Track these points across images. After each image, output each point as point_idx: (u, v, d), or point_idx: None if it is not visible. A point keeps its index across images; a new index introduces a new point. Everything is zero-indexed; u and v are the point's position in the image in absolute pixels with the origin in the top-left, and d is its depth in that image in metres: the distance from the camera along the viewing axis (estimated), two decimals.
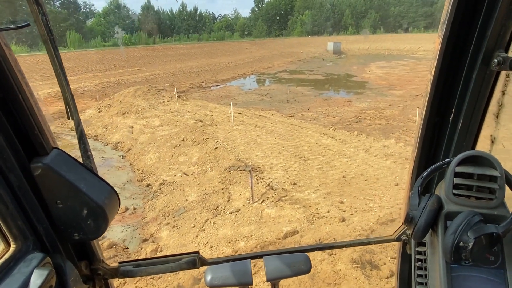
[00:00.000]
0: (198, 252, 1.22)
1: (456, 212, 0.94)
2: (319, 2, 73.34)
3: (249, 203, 7.14)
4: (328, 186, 7.71)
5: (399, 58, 39.17)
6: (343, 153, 9.62)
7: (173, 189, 8.33)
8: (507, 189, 0.94)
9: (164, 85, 21.63)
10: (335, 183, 7.83)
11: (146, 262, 1.20)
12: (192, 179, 8.73)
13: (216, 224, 6.61)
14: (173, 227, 6.75)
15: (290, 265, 1.13)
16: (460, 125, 1.08)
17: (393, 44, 50.04)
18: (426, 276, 1.08)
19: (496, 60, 0.94)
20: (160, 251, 6.06)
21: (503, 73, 1.00)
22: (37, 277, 0.80)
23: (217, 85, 25.01)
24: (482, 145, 1.11)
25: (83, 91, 21.21)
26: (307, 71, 31.40)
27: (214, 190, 7.94)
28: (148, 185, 8.81)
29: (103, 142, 12.41)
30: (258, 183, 7.86)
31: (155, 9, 65.89)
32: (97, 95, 20.15)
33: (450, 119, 1.10)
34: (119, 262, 1.20)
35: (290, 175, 8.34)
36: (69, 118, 0.94)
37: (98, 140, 12.67)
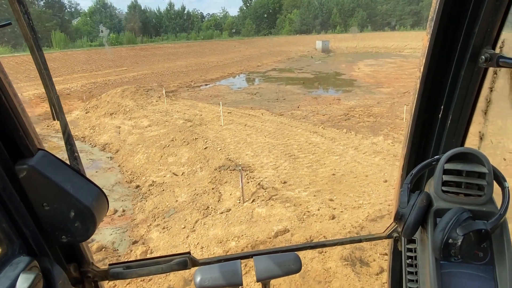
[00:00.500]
0: (189, 253, 1.20)
1: (446, 209, 0.94)
2: (307, 1, 73.58)
3: (240, 203, 7.12)
4: (318, 184, 7.75)
5: (387, 56, 39.64)
6: (333, 151, 9.69)
7: (163, 190, 8.26)
8: (496, 185, 0.96)
9: (153, 85, 21.40)
10: (325, 181, 7.88)
11: (136, 264, 1.18)
12: (182, 180, 8.67)
13: (207, 225, 6.58)
14: (163, 229, 6.69)
15: (280, 265, 1.12)
16: (449, 122, 1.09)
17: (381, 42, 50.59)
18: (417, 273, 1.09)
19: (484, 57, 0.95)
20: (150, 253, 6.00)
21: (491, 70, 1.01)
22: (23, 281, 0.78)
23: (206, 85, 24.89)
24: (471, 142, 1.13)
25: (70, 92, 20.82)
26: (296, 70, 31.51)
27: (205, 190, 7.90)
28: (137, 187, 8.72)
29: (91, 144, 12.22)
30: (249, 183, 7.85)
31: (142, 8, 65.13)
32: (84, 96, 19.81)
33: (439, 116, 1.11)
34: (109, 264, 1.17)
35: (281, 174, 8.36)
36: (55, 119, 0.92)
37: (86, 142, 12.47)
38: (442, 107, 1.09)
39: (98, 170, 9.93)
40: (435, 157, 1.03)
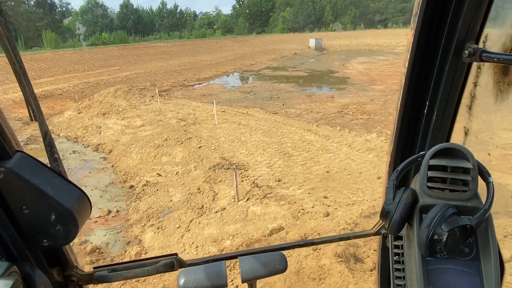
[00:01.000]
0: (176, 254, 1.19)
1: (431, 205, 0.94)
2: None
3: (234, 202, 7.11)
4: (313, 182, 7.77)
5: (379, 54, 39.83)
6: (327, 149, 9.71)
7: (157, 190, 8.22)
8: (481, 180, 0.95)
9: (146, 84, 21.26)
10: (319, 179, 7.90)
11: (122, 267, 1.16)
12: (176, 179, 8.63)
13: (202, 224, 6.56)
14: (158, 229, 6.66)
15: (266, 265, 1.11)
16: (435, 118, 1.09)
17: (374, 40, 50.81)
18: (404, 270, 1.09)
19: (467, 52, 0.94)
20: (145, 254, 5.97)
21: (475, 65, 1.01)
22: (1, 287, 0.76)
23: (200, 84, 24.79)
24: (457, 137, 1.13)
25: (61, 92, 20.60)
26: (290, 68, 31.52)
27: (199, 190, 7.87)
28: (131, 187, 8.66)
29: (84, 144, 12.10)
30: (243, 181, 7.84)
31: (134, 7, 64.67)
32: (76, 96, 19.62)
33: (425, 112, 1.11)
34: (94, 268, 1.15)
35: (275, 172, 8.36)
36: (32, 119, 0.89)
37: (78, 142, 12.34)
38: (427, 103, 1.09)
39: (91, 171, 9.84)
40: (421, 153, 1.02)
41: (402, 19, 65.99)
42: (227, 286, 1.09)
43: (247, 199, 7.12)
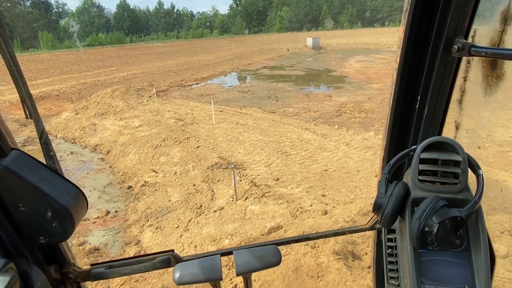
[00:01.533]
0: (173, 251, 1.20)
1: (422, 198, 0.95)
2: None
3: (233, 201, 7.12)
4: (311, 180, 7.78)
5: (377, 52, 39.90)
6: (325, 147, 9.73)
7: (155, 190, 8.22)
8: (471, 173, 0.97)
9: (143, 85, 21.21)
10: (317, 177, 7.92)
11: (119, 263, 1.17)
12: (175, 179, 8.63)
13: (200, 223, 6.57)
14: (157, 229, 6.66)
15: (260, 258, 1.12)
16: (426, 112, 1.11)
17: (371, 39, 50.85)
18: (397, 263, 1.10)
19: (456, 47, 0.96)
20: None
21: (464, 60, 1.02)
22: None
23: (198, 83, 24.75)
24: (448, 131, 1.14)
25: (59, 93, 20.52)
26: (288, 67, 31.51)
27: (197, 189, 7.88)
28: (130, 187, 8.66)
29: (81, 145, 12.07)
30: (241, 180, 7.85)
31: (131, 7, 64.48)
32: (73, 97, 19.56)
33: (416, 107, 1.12)
34: (91, 265, 1.16)
35: (273, 171, 8.37)
36: (27, 118, 0.90)
37: (76, 143, 12.31)
38: (419, 98, 1.10)
39: (89, 172, 9.83)
40: (412, 147, 1.04)
41: (399, 18, 65.78)
42: (222, 280, 1.10)
43: (246, 198, 7.13)
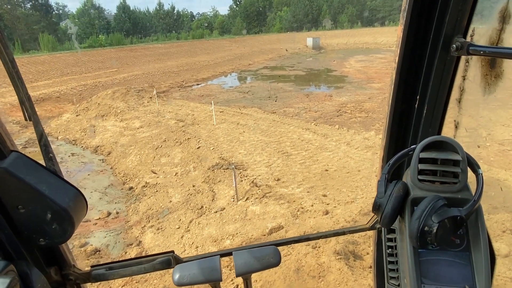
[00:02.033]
0: (173, 252, 1.20)
1: (422, 198, 0.95)
2: None
3: (234, 201, 7.12)
4: (311, 180, 7.78)
5: (377, 52, 39.83)
6: (325, 147, 9.72)
7: (156, 191, 8.22)
8: (471, 172, 0.96)
9: (143, 86, 21.23)
10: (318, 177, 7.91)
11: (119, 265, 1.17)
12: (176, 180, 8.64)
13: (201, 224, 6.57)
14: (158, 230, 6.66)
15: (259, 259, 1.12)
16: (425, 112, 1.10)
17: (371, 38, 50.77)
18: (397, 263, 1.10)
19: (455, 46, 0.95)
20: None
21: (463, 59, 1.02)
22: None
23: (198, 84, 24.76)
24: (448, 130, 1.14)
25: (59, 95, 20.55)
26: (288, 67, 31.50)
27: (198, 190, 7.88)
28: (131, 188, 8.66)
29: (82, 147, 12.09)
30: (242, 181, 7.85)
31: (131, 9, 64.55)
32: (74, 99, 19.59)
33: (416, 106, 1.12)
34: (91, 266, 1.16)
35: (274, 171, 8.37)
36: (26, 120, 0.90)
37: (77, 145, 12.33)
38: (418, 97, 1.10)
39: (90, 173, 9.84)
40: (412, 147, 1.04)
41: (399, 17, 65.95)
42: (222, 281, 1.10)
43: (247, 199, 7.13)
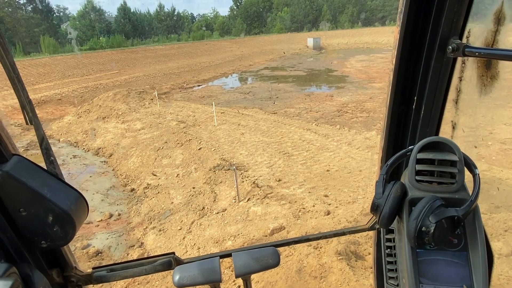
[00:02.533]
0: (174, 253, 1.21)
1: (420, 198, 0.95)
2: None
3: (235, 202, 7.13)
4: (313, 181, 7.78)
5: (378, 51, 39.79)
6: (326, 147, 9.72)
7: (158, 193, 8.24)
8: (468, 173, 0.97)
9: (145, 88, 21.29)
10: (320, 177, 7.91)
11: (120, 266, 1.18)
12: (177, 181, 8.65)
13: (203, 225, 6.58)
14: (160, 231, 6.68)
15: (259, 260, 1.13)
16: (423, 113, 1.11)
17: (371, 38, 50.72)
18: (396, 263, 1.10)
19: (451, 47, 0.96)
20: None
21: (460, 60, 1.03)
22: None
23: (199, 85, 24.81)
24: (445, 131, 1.14)
25: (61, 97, 20.63)
26: (289, 68, 31.51)
27: (200, 191, 7.89)
28: (132, 190, 8.69)
29: (84, 149, 12.13)
30: (244, 182, 7.85)
31: (132, 11, 64.68)
32: (76, 101, 19.65)
33: (413, 107, 1.12)
34: (93, 268, 1.17)
35: (275, 172, 8.37)
36: (27, 123, 0.91)
37: (79, 147, 12.37)
38: (415, 98, 1.10)
39: (92, 175, 9.87)
40: (409, 148, 1.04)
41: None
42: (222, 282, 1.10)
43: (248, 200, 7.13)
